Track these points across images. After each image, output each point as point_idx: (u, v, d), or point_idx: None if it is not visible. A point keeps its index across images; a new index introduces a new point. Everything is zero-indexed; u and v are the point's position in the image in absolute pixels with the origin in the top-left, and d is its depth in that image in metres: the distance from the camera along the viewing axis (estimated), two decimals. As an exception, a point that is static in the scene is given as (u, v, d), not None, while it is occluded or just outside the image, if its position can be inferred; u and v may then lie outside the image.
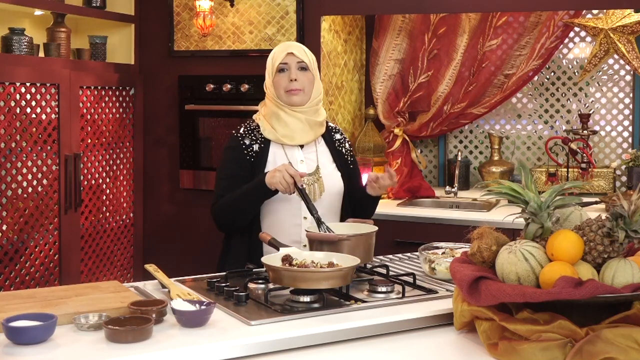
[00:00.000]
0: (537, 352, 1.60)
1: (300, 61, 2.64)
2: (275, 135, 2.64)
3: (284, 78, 2.62)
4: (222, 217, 2.61)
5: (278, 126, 2.64)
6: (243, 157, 2.63)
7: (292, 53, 2.63)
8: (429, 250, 2.45)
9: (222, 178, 2.66)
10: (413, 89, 4.40)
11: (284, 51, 2.64)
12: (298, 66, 2.63)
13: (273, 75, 2.65)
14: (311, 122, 2.66)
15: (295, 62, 2.63)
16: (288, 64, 2.63)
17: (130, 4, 4.39)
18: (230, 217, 2.60)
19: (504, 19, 4.28)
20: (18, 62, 3.60)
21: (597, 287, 1.59)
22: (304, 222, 2.60)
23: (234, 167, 2.63)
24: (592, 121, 4.38)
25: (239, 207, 2.56)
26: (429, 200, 4.25)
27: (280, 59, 2.63)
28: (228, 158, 2.67)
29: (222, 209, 2.60)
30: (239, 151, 2.64)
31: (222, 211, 2.60)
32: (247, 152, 2.64)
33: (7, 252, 3.53)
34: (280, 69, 2.63)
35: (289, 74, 2.62)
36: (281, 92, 2.63)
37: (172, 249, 4.38)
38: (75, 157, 3.85)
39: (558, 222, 1.84)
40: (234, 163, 2.64)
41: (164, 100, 4.40)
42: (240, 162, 2.63)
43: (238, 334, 1.78)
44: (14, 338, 1.69)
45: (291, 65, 2.63)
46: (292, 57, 2.63)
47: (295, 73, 2.62)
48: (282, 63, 2.63)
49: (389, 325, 1.88)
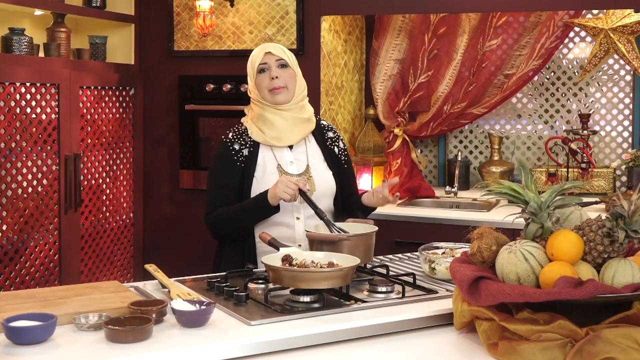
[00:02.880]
0: (537, 352, 1.60)
1: (279, 59, 2.64)
2: (264, 137, 2.65)
3: (265, 78, 2.63)
4: (219, 228, 2.64)
5: (265, 128, 2.65)
6: (233, 164, 2.64)
7: (269, 52, 2.64)
8: (429, 250, 2.45)
9: (212, 187, 2.68)
10: (413, 89, 4.40)
11: (261, 51, 2.66)
12: (278, 64, 2.64)
13: (254, 77, 2.66)
14: (297, 120, 2.67)
15: (274, 61, 2.64)
16: (267, 63, 2.64)
17: (130, 4, 4.39)
18: (228, 230, 2.62)
19: (504, 19, 4.28)
20: (18, 62, 3.60)
21: (597, 287, 1.59)
22: (297, 222, 2.60)
23: (224, 176, 2.65)
24: (592, 121, 4.38)
25: (238, 222, 2.59)
26: (429, 200, 4.25)
27: (260, 59, 2.64)
28: (218, 166, 2.68)
29: (219, 221, 2.61)
30: (229, 158, 2.65)
31: (219, 223, 2.62)
32: (237, 157, 2.64)
33: (7, 252, 3.53)
34: (260, 69, 2.64)
35: (270, 73, 2.63)
36: (264, 92, 2.64)
37: (172, 249, 4.38)
38: (75, 157, 3.85)
39: (558, 222, 1.84)
40: (224, 172, 2.65)
41: (164, 100, 4.40)
42: (230, 169, 2.64)
43: (238, 334, 1.78)
44: (14, 338, 1.69)
45: (271, 64, 2.63)
46: (270, 56, 2.64)
47: (276, 71, 2.63)
48: (261, 63, 2.64)
49: (389, 325, 1.88)
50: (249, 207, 2.57)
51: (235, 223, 2.59)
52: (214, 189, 2.66)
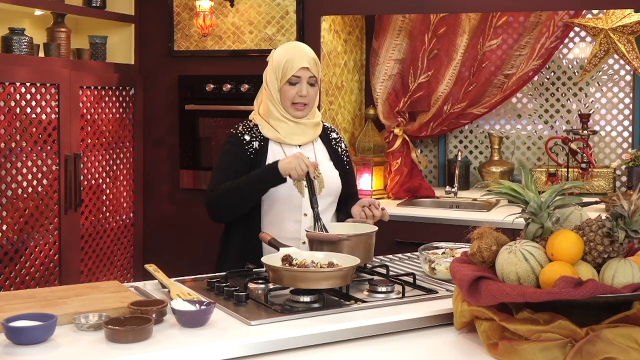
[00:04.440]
0: (537, 352, 1.60)
1: (312, 76, 2.62)
2: (275, 134, 2.64)
3: (293, 90, 2.60)
4: (220, 204, 2.54)
5: (276, 125, 2.65)
6: (243, 152, 2.61)
7: (307, 68, 2.60)
8: (429, 250, 2.45)
9: (220, 169, 2.62)
10: (413, 89, 4.40)
11: (299, 64, 2.59)
12: (309, 81, 2.62)
13: (281, 83, 2.61)
14: (308, 125, 2.68)
15: (307, 77, 2.61)
16: (301, 77, 2.60)
17: (130, 4, 4.39)
18: (229, 204, 2.53)
19: (504, 19, 4.28)
20: (18, 62, 3.60)
21: (597, 287, 1.59)
22: (304, 219, 2.60)
23: (233, 160, 2.60)
24: (592, 121, 4.38)
25: (241, 193, 2.50)
26: (429, 200, 4.25)
27: (294, 71, 2.59)
28: (227, 151, 2.64)
29: (221, 195, 2.52)
30: (240, 146, 2.62)
31: (221, 198, 2.53)
32: (247, 147, 2.62)
33: (7, 252, 3.53)
34: (291, 81, 2.60)
35: (300, 89, 2.60)
36: (287, 104, 2.62)
37: (172, 249, 4.38)
38: (75, 157, 3.85)
39: (558, 222, 1.84)
40: (234, 156, 2.61)
41: (164, 100, 4.40)
42: (240, 155, 2.60)
43: (238, 334, 1.78)
44: (14, 338, 1.69)
45: (303, 80, 2.60)
46: (306, 71, 2.61)
47: (306, 89, 2.61)
48: (295, 76, 2.59)
49: (389, 325, 1.88)
50: (256, 175, 2.50)
51: (238, 195, 2.50)
52: (220, 171, 2.60)
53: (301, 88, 2.60)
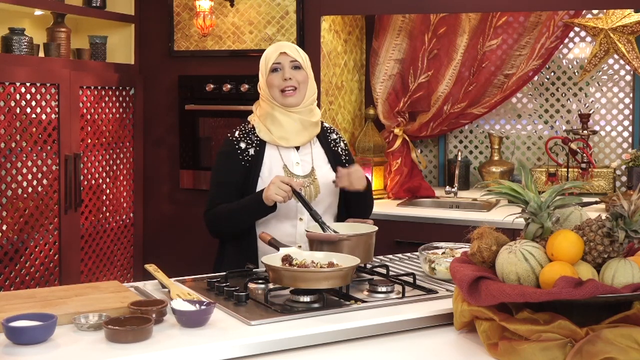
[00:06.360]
0: (537, 352, 1.60)
1: (294, 60, 2.64)
2: (271, 137, 2.64)
3: (278, 77, 2.63)
4: (216, 225, 2.63)
5: (273, 127, 2.64)
6: (237, 162, 2.63)
7: (285, 52, 2.64)
8: (429, 250, 2.45)
9: (215, 184, 2.67)
10: (413, 89, 4.40)
11: (276, 51, 2.65)
12: (291, 65, 2.64)
13: (267, 76, 2.65)
14: (305, 123, 2.67)
15: (288, 61, 2.64)
16: (281, 63, 2.64)
17: (130, 4, 4.39)
18: (225, 227, 2.62)
19: (504, 19, 4.28)
20: (18, 62, 3.60)
21: (597, 287, 1.59)
22: (299, 223, 2.60)
23: (227, 174, 2.64)
24: (592, 121, 4.38)
25: (236, 220, 2.58)
26: (429, 200, 4.25)
27: (274, 59, 2.64)
28: (222, 164, 2.68)
29: (217, 218, 2.61)
30: (234, 156, 2.64)
31: (217, 220, 2.61)
32: (243, 156, 2.64)
33: (7, 252, 3.53)
34: (273, 68, 2.64)
35: (283, 73, 2.62)
36: (275, 93, 2.63)
37: (172, 249, 4.38)
38: (75, 157, 3.85)
39: (558, 222, 1.84)
40: (228, 170, 2.64)
41: (164, 100, 4.40)
42: (234, 167, 2.63)
43: (238, 334, 1.78)
44: (14, 338, 1.69)
45: (284, 65, 2.63)
46: (285, 56, 2.64)
47: (289, 72, 2.63)
48: (275, 63, 2.64)
49: (389, 325, 1.88)
50: (246, 205, 2.56)
51: (232, 220, 2.58)
52: (216, 186, 2.65)
53: (284, 72, 2.62)
